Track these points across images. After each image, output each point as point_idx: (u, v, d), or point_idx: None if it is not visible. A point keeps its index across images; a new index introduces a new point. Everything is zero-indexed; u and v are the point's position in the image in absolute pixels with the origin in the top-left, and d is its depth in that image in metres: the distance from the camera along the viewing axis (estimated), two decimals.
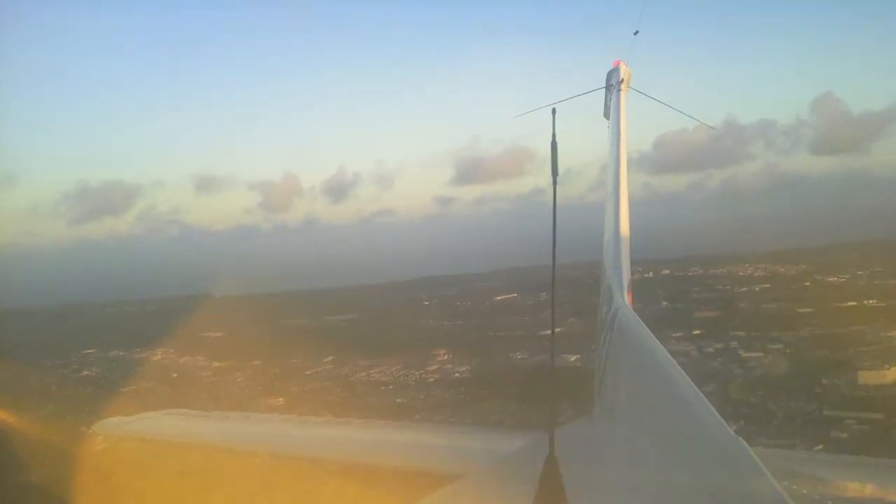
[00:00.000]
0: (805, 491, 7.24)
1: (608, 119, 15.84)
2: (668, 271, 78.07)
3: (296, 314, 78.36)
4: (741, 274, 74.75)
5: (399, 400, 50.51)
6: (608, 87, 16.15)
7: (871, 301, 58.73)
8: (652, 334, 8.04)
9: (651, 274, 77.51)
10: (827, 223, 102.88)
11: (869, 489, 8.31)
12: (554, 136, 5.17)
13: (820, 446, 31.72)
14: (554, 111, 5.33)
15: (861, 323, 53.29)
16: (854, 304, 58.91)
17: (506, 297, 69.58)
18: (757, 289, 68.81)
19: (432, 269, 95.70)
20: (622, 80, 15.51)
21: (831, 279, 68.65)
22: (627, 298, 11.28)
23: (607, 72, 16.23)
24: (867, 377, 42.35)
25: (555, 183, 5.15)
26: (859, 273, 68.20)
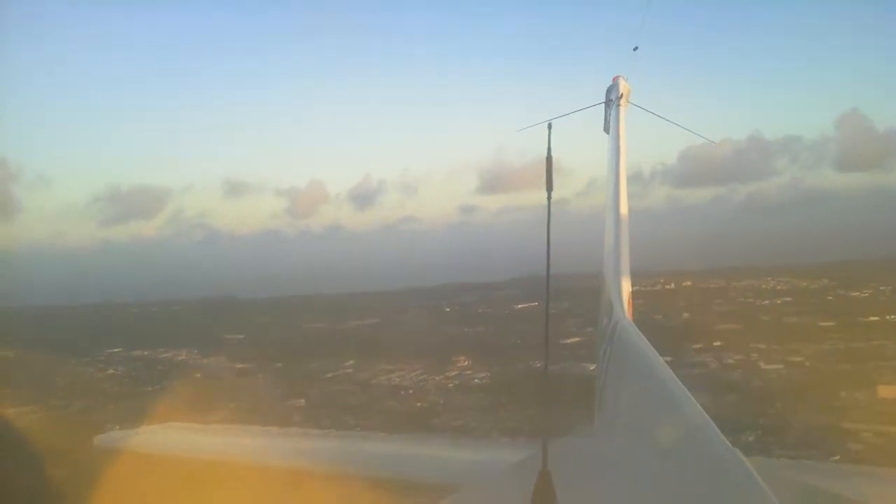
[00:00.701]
0: (802, 501, 7.33)
1: (608, 134, 15.87)
2: (689, 283, 78.16)
3: (318, 318, 79.05)
4: (763, 287, 74.62)
5: (419, 404, 50.88)
6: (607, 103, 16.15)
7: (893, 316, 58.51)
8: (652, 347, 8.15)
9: (673, 285, 77.64)
10: (850, 239, 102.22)
11: (864, 497, 8.58)
12: (549, 150, 5.25)
13: (836, 457, 31.79)
14: (550, 125, 5.49)
15: (883, 338, 53.20)
16: (876, 318, 58.76)
17: (526, 305, 69.69)
18: (779, 302, 68.65)
19: (454, 276, 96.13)
20: (621, 95, 15.51)
21: (854, 294, 68.38)
22: (628, 311, 11.35)
23: (607, 87, 16.24)
24: (887, 391, 42.36)
25: (549, 197, 5.21)
26: (882, 289, 67.87)
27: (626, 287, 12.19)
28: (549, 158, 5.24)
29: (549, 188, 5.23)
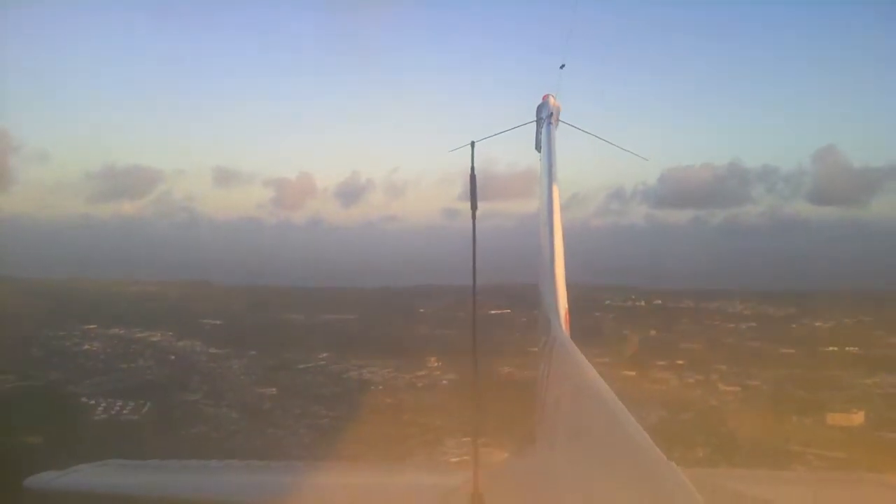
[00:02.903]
0: None
1: (539, 152, 15.77)
2: (660, 301, 79.79)
3: (294, 309, 79.76)
4: (731, 311, 76.26)
5: (388, 400, 51.95)
6: (538, 121, 15.96)
7: (852, 348, 60.13)
8: (588, 362, 8.32)
9: (643, 303, 79.17)
10: (819, 270, 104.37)
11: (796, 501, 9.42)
12: (472, 168, 5.23)
13: None
14: (473, 144, 5.55)
15: (839, 368, 54.95)
16: (835, 349, 60.47)
17: (500, 312, 70.52)
18: (744, 326, 70.30)
19: (431, 278, 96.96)
20: (551, 113, 15.46)
21: (817, 324, 70.00)
22: (565, 327, 11.44)
23: (537, 106, 16.01)
24: (836, 419, 44.00)
25: (474, 215, 5.07)
26: (845, 321, 69.55)
27: (563, 303, 12.21)
28: (472, 177, 5.05)
29: (474, 206, 4.97)
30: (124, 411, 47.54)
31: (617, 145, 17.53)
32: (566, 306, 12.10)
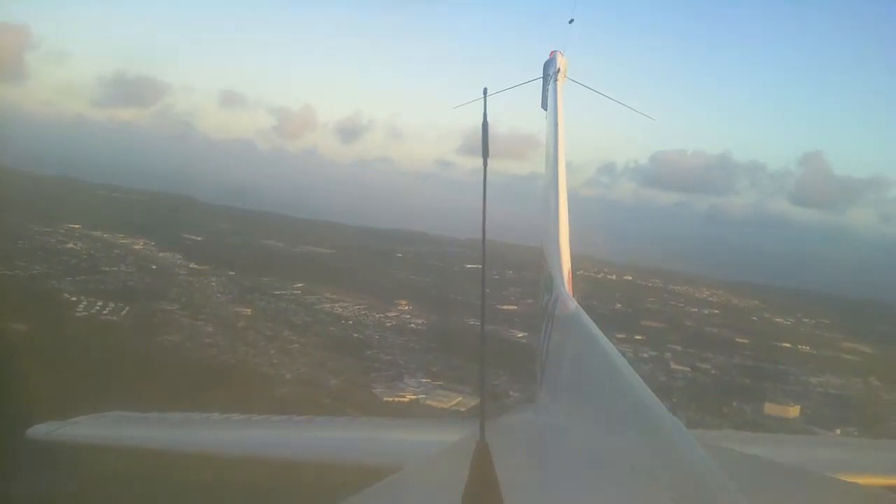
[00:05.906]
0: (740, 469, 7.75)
1: (546, 110, 15.72)
2: (630, 277, 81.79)
3: (275, 236, 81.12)
4: (697, 296, 78.41)
5: (356, 335, 54.02)
6: (545, 78, 15.91)
7: (805, 347, 62.44)
8: (592, 321, 8.66)
9: (614, 277, 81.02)
10: (791, 268, 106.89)
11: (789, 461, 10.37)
12: (485, 116, 5.12)
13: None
14: (485, 92, 5.39)
15: (788, 363, 57.28)
16: (788, 345, 62.90)
17: (476, 266, 71.68)
18: (706, 312, 72.50)
19: (413, 224, 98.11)
20: (558, 70, 15.47)
21: (777, 319, 72.29)
22: (568, 287, 11.54)
23: (544, 62, 16.01)
24: (772, 409, 46.39)
25: (485, 164, 5.03)
26: (805, 320, 71.93)
27: (566, 263, 12.29)
28: (484, 125, 4.94)
29: (485, 154, 4.88)
30: (104, 312, 49.13)
31: (623, 104, 18.08)
32: (569, 265, 12.37)
